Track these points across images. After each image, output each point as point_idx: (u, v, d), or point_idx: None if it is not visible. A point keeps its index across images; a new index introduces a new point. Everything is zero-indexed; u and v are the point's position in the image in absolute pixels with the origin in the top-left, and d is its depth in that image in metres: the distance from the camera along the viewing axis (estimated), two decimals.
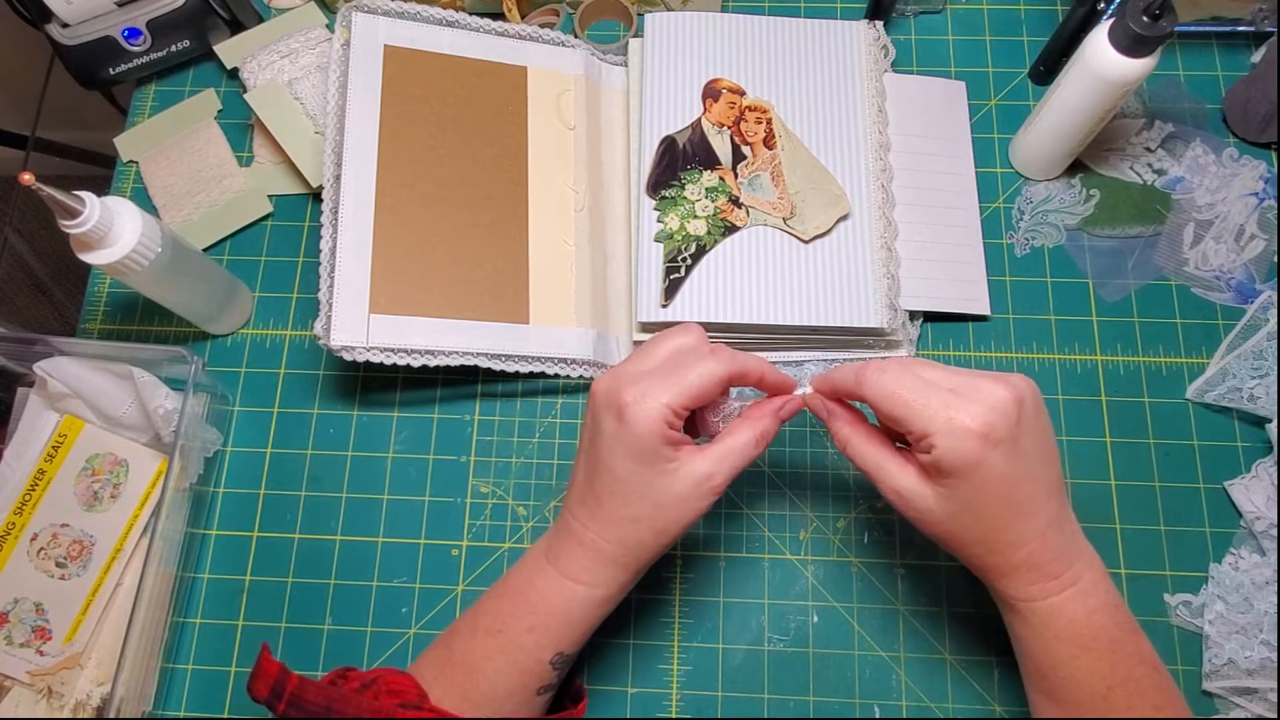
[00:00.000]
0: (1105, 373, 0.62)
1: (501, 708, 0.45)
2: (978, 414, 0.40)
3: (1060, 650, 0.43)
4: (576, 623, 0.46)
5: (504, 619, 0.46)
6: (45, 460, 0.60)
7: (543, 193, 0.63)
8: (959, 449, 0.40)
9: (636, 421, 0.42)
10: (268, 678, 0.43)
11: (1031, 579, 0.43)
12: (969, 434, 0.40)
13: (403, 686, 0.44)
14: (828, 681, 0.56)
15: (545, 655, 0.45)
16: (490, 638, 0.45)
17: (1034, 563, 0.43)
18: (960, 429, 0.40)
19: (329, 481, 0.61)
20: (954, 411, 0.40)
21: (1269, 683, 0.53)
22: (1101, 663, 0.43)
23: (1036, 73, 0.68)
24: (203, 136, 0.69)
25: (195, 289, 0.59)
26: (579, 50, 0.67)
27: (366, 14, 0.62)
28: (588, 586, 0.45)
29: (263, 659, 0.44)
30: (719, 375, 0.44)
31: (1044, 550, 0.43)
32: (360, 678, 0.44)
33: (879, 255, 0.62)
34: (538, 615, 0.45)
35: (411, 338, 0.58)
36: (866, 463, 0.45)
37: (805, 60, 0.66)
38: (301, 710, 0.42)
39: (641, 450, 0.43)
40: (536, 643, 0.45)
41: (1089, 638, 0.43)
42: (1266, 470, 0.58)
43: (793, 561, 0.58)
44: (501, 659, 0.45)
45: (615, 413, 0.43)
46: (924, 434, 0.41)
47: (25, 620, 0.57)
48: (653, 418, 0.42)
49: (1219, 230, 0.64)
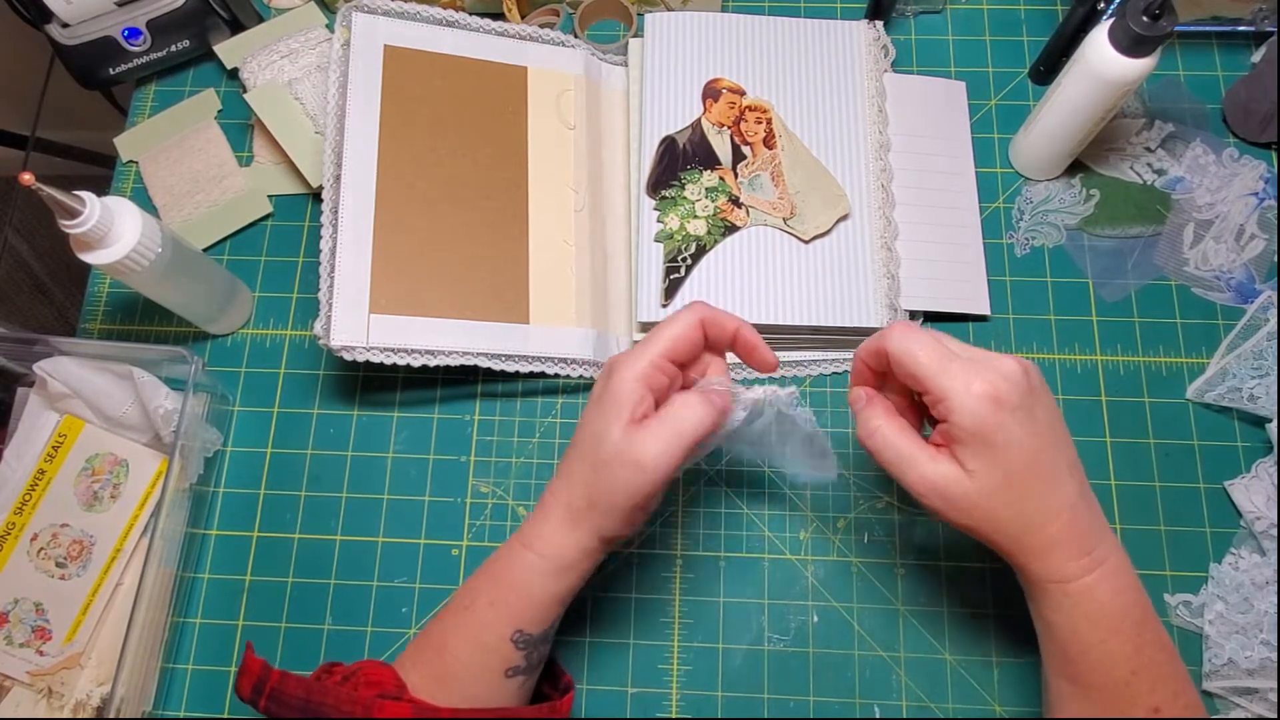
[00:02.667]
0: (1105, 373, 0.62)
1: (471, 690, 0.45)
2: (989, 379, 0.42)
3: (1089, 634, 0.43)
4: (533, 597, 0.45)
5: (471, 595, 0.46)
6: (45, 460, 0.60)
7: (543, 193, 0.63)
8: (976, 411, 0.42)
9: (616, 375, 0.45)
10: (250, 674, 0.43)
11: (1067, 555, 0.43)
12: (983, 397, 0.42)
13: (382, 677, 0.44)
14: (828, 681, 0.56)
15: (506, 631, 0.45)
16: (459, 615, 0.46)
17: (1068, 537, 0.43)
18: (975, 392, 0.42)
19: (329, 481, 0.61)
20: (968, 376, 0.42)
21: (1269, 683, 0.53)
22: (1127, 646, 0.43)
23: (1036, 73, 0.68)
24: (203, 136, 0.69)
25: (195, 289, 0.59)
26: (579, 50, 0.67)
27: (366, 14, 0.62)
28: (538, 555, 0.45)
29: (246, 657, 0.44)
30: (693, 320, 0.46)
31: (1075, 524, 0.44)
32: (343, 671, 0.45)
33: (879, 255, 0.62)
34: (498, 589, 0.46)
35: (411, 338, 0.58)
36: (897, 453, 0.45)
37: (805, 60, 0.66)
38: (282, 704, 0.43)
39: (609, 404, 0.44)
40: (496, 617, 0.45)
41: (1116, 620, 0.43)
42: (1266, 470, 0.58)
43: (793, 561, 0.58)
44: (467, 636, 0.45)
45: (606, 372, 0.46)
46: (940, 396, 0.43)
47: (25, 620, 0.57)
48: (633, 370, 0.45)
49: (1219, 230, 0.64)
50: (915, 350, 0.44)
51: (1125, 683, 0.43)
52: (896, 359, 0.45)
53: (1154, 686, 0.43)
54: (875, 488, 0.59)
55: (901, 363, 0.44)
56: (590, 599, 0.58)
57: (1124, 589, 0.44)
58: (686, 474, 0.60)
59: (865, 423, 0.47)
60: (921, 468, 0.44)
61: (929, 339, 0.44)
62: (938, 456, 0.44)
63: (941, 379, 0.43)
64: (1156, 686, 0.43)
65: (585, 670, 0.56)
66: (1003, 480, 0.43)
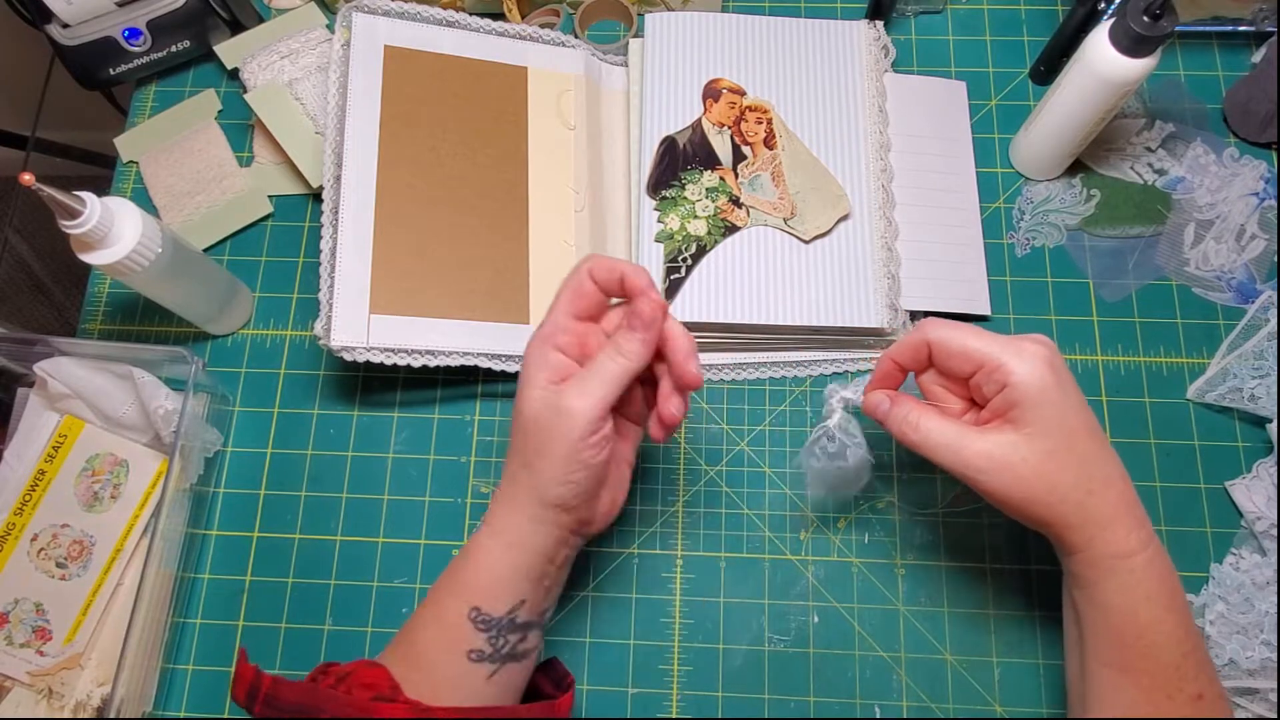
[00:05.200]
0: (1106, 373, 0.62)
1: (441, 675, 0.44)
2: (1037, 343, 0.44)
3: (1147, 613, 0.43)
4: (487, 572, 0.45)
5: (438, 586, 0.47)
6: (45, 460, 0.60)
7: (543, 193, 0.63)
8: (1036, 372, 0.43)
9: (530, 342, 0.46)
10: (243, 680, 0.43)
11: (1130, 524, 0.43)
12: (1037, 357, 0.44)
13: (375, 679, 0.44)
14: (828, 681, 0.56)
15: (463, 608, 0.44)
16: (425, 605, 0.46)
17: (1130, 503, 0.44)
18: (1029, 353, 0.44)
19: (329, 482, 0.61)
20: (1018, 344, 0.44)
21: (1270, 683, 0.53)
22: (1180, 628, 0.43)
23: (1037, 73, 0.68)
24: (203, 137, 0.69)
25: (195, 289, 0.59)
26: (579, 50, 0.67)
27: (367, 14, 0.62)
28: (489, 530, 0.46)
29: (239, 663, 0.44)
30: (584, 269, 0.46)
31: (1131, 490, 0.44)
32: (337, 672, 0.45)
33: (879, 255, 0.62)
34: (456, 571, 0.46)
35: (412, 338, 0.58)
36: (945, 436, 0.45)
37: (805, 60, 0.66)
38: (276, 709, 0.42)
39: (525, 371, 0.45)
40: (452, 595, 0.45)
41: (1170, 598, 0.43)
42: (1267, 470, 0.58)
43: (793, 561, 0.58)
44: (429, 619, 0.46)
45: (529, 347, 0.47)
46: (997, 364, 0.44)
47: (25, 621, 0.57)
48: (543, 332, 0.46)
49: (1219, 230, 0.64)
50: (959, 332, 0.46)
51: (1176, 666, 0.43)
52: (943, 345, 0.46)
53: (1199, 670, 0.43)
54: (875, 487, 0.59)
55: (948, 347, 0.46)
56: (590, 599, 0.58)
57: (1171, 568, 0.44)
58: (687, 474, 0.60)
59: (902, 420, 0.47)
60: (976, 443, 0.45)
61: (966, 326, 0.46)
62: (987, 431, 0.45)
63: (995, 348, 0.44)
64: (1201, 670, 0.43)
65: (585, 670, 0.56)
66: (1064, 440, 0.43)
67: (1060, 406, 0.43)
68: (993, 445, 0.44)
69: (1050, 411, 0.43)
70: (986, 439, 0.44)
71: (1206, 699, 0.43)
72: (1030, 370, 0.43)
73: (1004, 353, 0.44)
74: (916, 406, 0.47)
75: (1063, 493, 0.44)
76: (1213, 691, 0.43)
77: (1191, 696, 0.43)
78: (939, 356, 0.47)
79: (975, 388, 0.46)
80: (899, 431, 0.47)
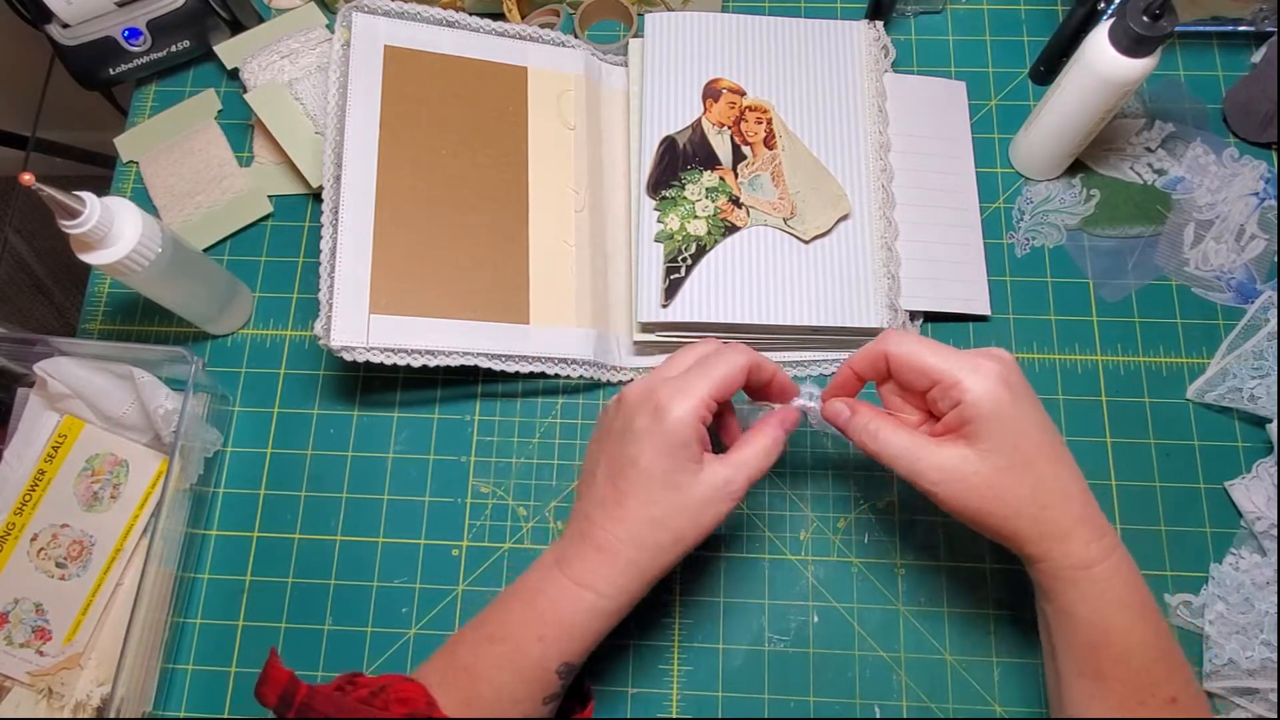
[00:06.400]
0: (1105, 373, 0.62)
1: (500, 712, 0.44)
2: (992, 361, 0.44)
3: (1116, 620, 0.43)
4: (585, 634, 0.45)
5: (510, 626, 0.45)
6: (45, 460, 0.60)
7: (543, 193, 0.63)
8: (990, 390, 0.43)
9: (672, 415, 0.45)
10: (276, 684, 0.43)
11: (1089, 535, 0.44)
12: (993, 374, 0.44)
13: (412, 694, 0.43)
14: (828, 681, 0.56)
15: (551, 665, 0.45)
16: (496, 645, 0.45)
17: (1087, 515, 0.44)
18: (984, 370, 0.44)
19: (329, 482, 0.61)
20: (975, 359, 0.44)
21: (1269, 683, 0.53)
22: (1150, 632, 0.43)
23: (1037, 73, 0.68)
24: (203, 137, 0.69)
25: (195, 289, 0.59)
26: (579, 50, 0.67)
27: (367, 14, 0.62)
28: (598, 595, 0.45)
29: (272, 665, 0.44)
30: (742, 364, 0.47)
31: (1090, 503, 0.44)
32: (369, 684, 0.44)
33: (879, 255, 0.62)
34: (546, 624, 0.45)
35: (411, 338, 0.58)
36: (900, 447, 0.46)
37: (805, 60, 0.66)
38: None
39: (673, 444, 0.44)
40: (544, 652, 0.45)
41: (1140, 604, 0.43)
42: (1267, 470, 0.58)
43: (793, 561, 0.58)
44: (508, 667, 0.45)
45: (651, 409, 0.45)
46: (953, 380, 0.44)
47: (25, 620, 0.57)
48: (688, 410, 0.45)
49: (1219, 230, 0.64)
50: (918, 347, 0.45)
51: (1147, 670, 0.43)
52: (901, 359, 0.46)
53: (1171, 673, 0.43)
54: (875, 488, 0.59)
55: (907, 361, 0.45)
56: None
57: (1137, 573, 0.44)
58: None
59: (861, 428, 0.47)
60: (931, 455, 0.45)
61: (924, 339, 0.46)
62: (943, 444, 0.45)
63: (950, 364, 0.44)
64: (1174, 673, 0.43)
65: (586, 670, 0.56)
66: (1018, 456, 0.43)
67: (1014, 423, 0.43)
68: (946, 459, 0.44)
69: (1003, 428, 0.43)
70: (941, 452, 0.45)
71: (1181, 702, 0.43)
72: (984, 388, 0.43)
73: (959, 369, 0.44)
74: (876, 416, 0.47)
75: (1016, 507, 0.44)
76: (1187, 694, 0.43)
77: (1165, 700, 0.43)
78: (896, 370, 0.47)
79: (931, 401, 0.46)
80: (859, 440, 0.47)
